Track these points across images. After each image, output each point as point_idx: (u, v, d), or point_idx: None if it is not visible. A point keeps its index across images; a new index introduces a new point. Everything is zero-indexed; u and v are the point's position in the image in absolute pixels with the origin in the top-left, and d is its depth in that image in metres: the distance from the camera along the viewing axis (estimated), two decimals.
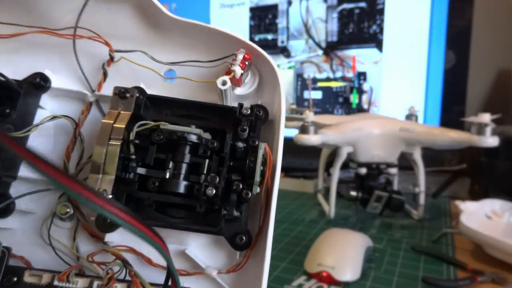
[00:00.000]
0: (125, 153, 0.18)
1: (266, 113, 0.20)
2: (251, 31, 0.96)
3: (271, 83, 0.20)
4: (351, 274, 0.40)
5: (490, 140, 0.50)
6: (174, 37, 0.21)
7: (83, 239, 0.20)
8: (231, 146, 0.19)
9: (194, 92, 0.20)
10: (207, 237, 0.20)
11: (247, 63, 0.19)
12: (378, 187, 0.59)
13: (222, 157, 0.19)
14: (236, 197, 0.18)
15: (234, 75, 0.19)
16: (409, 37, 0.80)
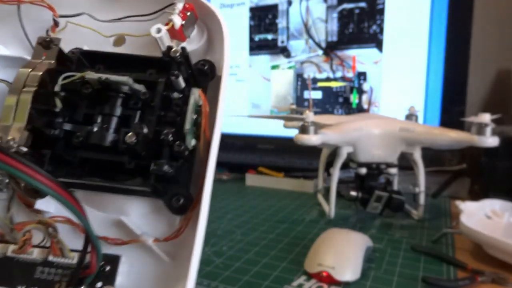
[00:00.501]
0: (50, 106, 0.17)
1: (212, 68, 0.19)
2: (251, 31, 0.96)
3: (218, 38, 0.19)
4: (351, 274, 0.40)
5: (490, 140, 0.50)
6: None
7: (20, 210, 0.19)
8: (165, 96, 0.17)
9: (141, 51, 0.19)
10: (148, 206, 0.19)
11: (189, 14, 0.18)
12: (378, 187, 0.59)
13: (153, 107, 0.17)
14: (168, 151, 0.17)
15: (173, 25, 0.18)
16: (409, 37, 0.80)
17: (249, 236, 0.53)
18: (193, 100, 0.17)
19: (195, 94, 0.18)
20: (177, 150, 0.17)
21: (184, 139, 0.17)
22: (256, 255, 0.47)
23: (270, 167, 0.84)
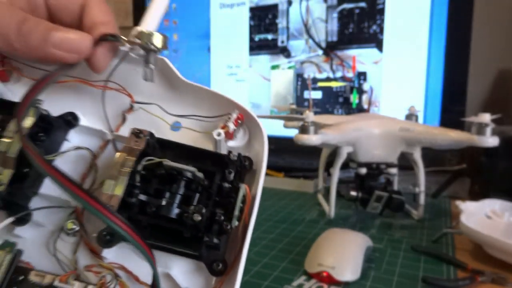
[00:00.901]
0: (132, 181, 0.21)
1: (251, 163, 0.24)
2: (251, 31, 0.96)
3: (258, 140, 0.25)
4: (351, 274, 0.40)
5: (490, 140, 0.50)
6: (184, 95, 0.26)
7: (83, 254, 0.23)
8: (219, 185, 0.22)
9: (195, 141, 0.25)
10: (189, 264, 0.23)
11: (240, 121, 0.24)
12: (378, 187, 0.59)
13: (210, 193, 0.22)
14: (218, 227, 0.21)
15: (228, 130, 0.24)
16: (409, 37, 0.80)
17: None
18: (241, 193, 0.22)
19: (243, 189, 0.22)
20: (225, 228, 0.21)
21: (230, 220, 0.22)
22: (256, 255, 0.47)
23: (270, 167, 0.84)
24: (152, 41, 0.22)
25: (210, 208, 0.22)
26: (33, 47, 0.20)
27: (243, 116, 0.25)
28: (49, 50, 0.20)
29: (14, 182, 0.21)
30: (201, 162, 0.23)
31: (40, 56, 0.20)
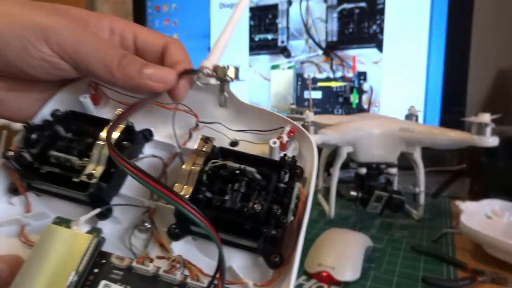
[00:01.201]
0: (200, 179, 0.25)
1: (302, 172, 0.27)
2: (251, 31, 0.96)
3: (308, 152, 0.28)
4: (351, 274, 0.40)
5: (490, 140, 0.50)
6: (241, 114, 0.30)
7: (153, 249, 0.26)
8: (275, 186, 0.25)
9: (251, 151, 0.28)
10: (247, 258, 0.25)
11: (292, 134, 0.27)
12: (378, 187, 0.59)
13: (268, 191, 0.25)
14: (275, 221, 0.23)
15: (282, 141, 0.26)
16: (409, 37, 0.80)
17: None
18: (296, 190, 0.25)
19: (298, 186, 0.25)
20: (282, 221, 0.23)
21: (286, 214, 0.24)
22: None
23: None
24: (227, 73, 0.27)
25: (268, 204, 0.24)
26: (129, 77, 0.24)
27: (294, 129, 0.28)
28: (143, 80, 0.24)
29: (102, 180, 0.25)
30: (259, 166, 0.25)
31: (134, 85, 0.25)
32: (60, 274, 0.21)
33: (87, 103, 0.29)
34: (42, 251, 0.22)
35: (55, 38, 0.23)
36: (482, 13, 0.86)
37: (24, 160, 0.25)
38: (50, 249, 0.22)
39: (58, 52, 0.23)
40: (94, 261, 0.22)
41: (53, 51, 0.23)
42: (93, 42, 0.24)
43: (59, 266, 0.21)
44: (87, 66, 0.24)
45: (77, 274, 0.21)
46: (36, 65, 0.24)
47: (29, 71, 0.24)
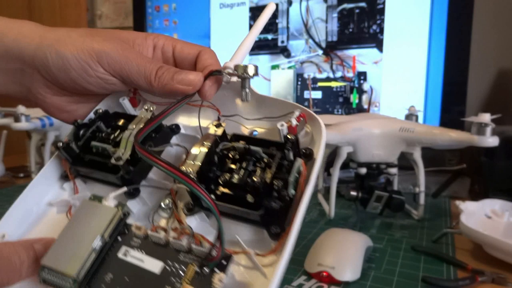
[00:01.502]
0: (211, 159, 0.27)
1: (311, 153, 0.28)
2: None
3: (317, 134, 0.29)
4: (351, 274, 0.40)
5: (490, 140, 0.50)
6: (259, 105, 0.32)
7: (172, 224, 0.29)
8: (278, 163, 0.27)
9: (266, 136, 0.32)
10: (253, 232, 0.27)
11: (302, 118, 0.29)
12: (378, 187, 0.59)
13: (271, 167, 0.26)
14: (276, 194, 0.25)
15: (291, 124, 0.28)
16: (409, 37, 0.80)
17: None
18: (297, 164, 0.26)
19: (299, 162, 0.27)
20: (282, 194, 0.25)
21: (287, 188, 0.25)
22: None
23: None
24: (247, 71, 0.29)
25: (270, 179, 0.26)
26: (164, 85, 0.29)
27: (304, 114, 0.29)
28: (174, 85, 0.29)
29: (131, 164, 0.29)
30: (266, 147, 0.28)
31: (169, 91, 0.29)
32: (89, 238, 0.25)
33: (125, 104, 0.34)
34: (76, 221, 0.26)
35: (106, 59, 0.29)
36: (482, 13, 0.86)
37: (72, 151, 0.31)
38: (83, 219, 0.26)
39: (109, 71, 0.29)
40: (119, 230, 0.26)
41: (105, 70, 0.29)
42: (135, 60, 0.29)
43: (89, 232, 0.25)
44: (131, 80, 0.30)
45: (102, 239, 0.25)
46: (93, 82, 0.30)
47: (88, 87, 0.30)
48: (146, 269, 0.24)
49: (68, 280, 0.24)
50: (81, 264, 0.24)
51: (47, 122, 0.77)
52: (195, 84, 0.29)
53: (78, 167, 0.31)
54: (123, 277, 0.24)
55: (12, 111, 0.76)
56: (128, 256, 0.25)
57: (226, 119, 0.32)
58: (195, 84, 0.29)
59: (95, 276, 0.25)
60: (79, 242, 0.25)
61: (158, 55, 0.33)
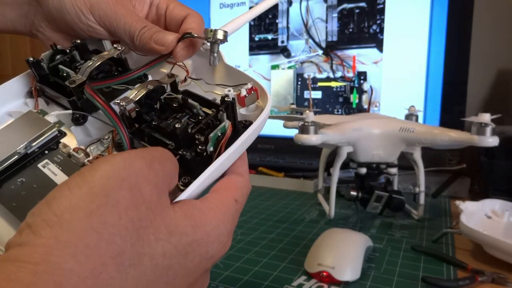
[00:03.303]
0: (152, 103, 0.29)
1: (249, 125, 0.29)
2: (251, 31, 0.96)
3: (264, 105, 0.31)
4: (351, 274, 0.40)
5: (490, 140, 0.50)
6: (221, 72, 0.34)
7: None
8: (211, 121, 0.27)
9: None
10: None
11: (253, 92, 0.30)
12: (378, 187, 0.59)
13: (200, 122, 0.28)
14: (195, 148, 0.26)
15: (239, 94, 0.29)
16: (409, 37, 0.80)
17: (249, 236, 0.53)
18: (222, 124, 0.27)
19: (226, 123, 0.27)
20: (199, 148, 0.26)
21: (207, 144, 0.26)
22: (256, 255, 0.47)
23: (270, 167, 0.84)
24: (216, 36, 0.30)
25: (194, 129, 0.27)
26: (144, 43, 0.31)
27: (256, 88, 0.30)
28: (151, 44, 0.30)
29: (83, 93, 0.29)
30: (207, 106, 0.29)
31: (146, 49, 0.31)
32: (16, 141, 0.27)
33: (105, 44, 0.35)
34: (14, 125, 0.28)
35: (98, 11, 0.31)
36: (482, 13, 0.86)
37: (42, 69, 0.32)
38: (20, 125, 0.28)
39: (99, 22, 0.32)
40: (49, 145, 0.28)
41: (96, 20, 0.32)
42: (123, 16, 0.31)
43: (20, 137, 0.27)
44: (117, 34, 0.32)
45: (29, 146, 0.27)
46: (84, 29, 0.32)
47: (80, 33, 0.33)
48: (55, 182, 0.26)
49: None
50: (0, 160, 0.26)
51: None
52: (168, 45, 0.30)
53: (43, 85, 0.32)
54: (32, 183, 0.26)
55: None
56: (46, 168, 0.27)
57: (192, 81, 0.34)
58: (167, 45, 0.30)
59: (9, 176, 0.26)
60: (7, 143, 0.27)
61: (152, 12, 0.35)
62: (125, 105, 0.27)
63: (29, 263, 0.15)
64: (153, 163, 0.21)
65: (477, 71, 0.87)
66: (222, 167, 0.26)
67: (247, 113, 0.31)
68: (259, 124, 0.28)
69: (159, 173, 0.21)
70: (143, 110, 0.28)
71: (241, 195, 0.26)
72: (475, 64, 0.80)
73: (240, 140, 0.27)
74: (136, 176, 0.19)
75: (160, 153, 0.22)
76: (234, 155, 0.27)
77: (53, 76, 0.32)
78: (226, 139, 0.27)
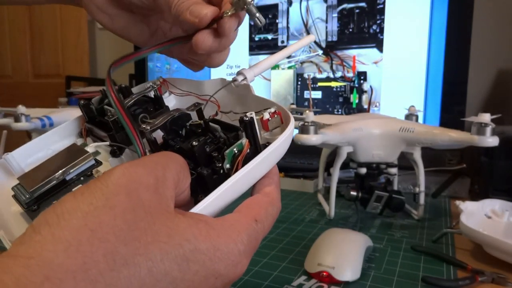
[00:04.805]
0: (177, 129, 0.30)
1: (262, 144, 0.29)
2: (251, 31, 0.96)
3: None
4: (351, 274, 0.40)
5: (490, 140, 0.50)
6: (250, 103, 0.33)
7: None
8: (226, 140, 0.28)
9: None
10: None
11: (276, 116, 0.30)
12: (378, 187, 0.59)
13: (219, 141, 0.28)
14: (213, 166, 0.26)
15: (262, 117, 0.29)
16: (409, 37, 0.80)
17: None
18: (239, 142, 0.27)
19: (243, 140, 0.27)
20: (217, 165, 0.26)
21: (223, 161, 0.26)
22: (256, 255, 0.47)
23: None
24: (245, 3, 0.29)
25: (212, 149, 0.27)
26: (180, 12, 0.29)
27: (280, 112, 0.30)
28: (185, 15, 0.29)
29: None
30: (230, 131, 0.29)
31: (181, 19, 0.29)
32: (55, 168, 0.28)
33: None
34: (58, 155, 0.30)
35: None
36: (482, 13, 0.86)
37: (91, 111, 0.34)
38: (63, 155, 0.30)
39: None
40: (85, 172, 0.29)
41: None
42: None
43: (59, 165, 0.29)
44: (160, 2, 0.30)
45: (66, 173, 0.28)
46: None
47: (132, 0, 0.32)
48: None
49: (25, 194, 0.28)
50: (39, 185, 0.27)
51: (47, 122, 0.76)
52: (201, 18, 0.28)
53: (91, 125, 0.34)
54: None
55: (12, 111, 0.76)
56: None
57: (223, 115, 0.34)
58: (201, 17, 0.28)
59: (47, 199, 0.28)
60: (48, 171, 0.29)
61: None
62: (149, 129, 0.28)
63: (23, 257, 0.16)
64: (155, 169, 0.21)
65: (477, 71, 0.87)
66: (240, 185, 0.26)
67: (271, 137, 0.31)
68: (281, 143, 0.28)
69: (159, 177, 0.21)
70: (169, 137, 0.29)
71: (264, 216, 0.24)
72: (475, 64, 0.80)
73: (259, 157, 0.26)
74: (135, 182, 0.19)
75: (163, 157, 0.22)
76: (254, 173, 0.27)
77: (99, 116, 0.33)
78: (243, 156, 0.26)
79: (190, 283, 0.19)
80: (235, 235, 0.21)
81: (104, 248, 0.17)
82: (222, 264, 0.20)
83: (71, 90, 1.36)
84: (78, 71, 1.67)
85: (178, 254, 0.19)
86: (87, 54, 1.69)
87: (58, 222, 0.17)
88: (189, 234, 0.20)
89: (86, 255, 0.17)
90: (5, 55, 1.96)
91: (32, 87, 1.87)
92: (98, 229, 0.17)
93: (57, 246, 0.16)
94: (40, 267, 0.16)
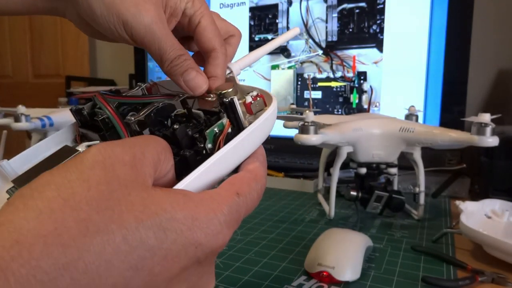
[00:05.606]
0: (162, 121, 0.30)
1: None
2: (251, 31, 0.96)
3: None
4: (351, 274, 0.40)
5: (490, 140, 0.50)
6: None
7: None
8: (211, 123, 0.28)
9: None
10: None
11: (258, 98, 0.30)
12: (378, 187, 0.59)
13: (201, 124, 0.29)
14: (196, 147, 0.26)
15: (245, 101, 0.29)
16: (409, 37, 0.80)
17: (249, 236, 0.53)
18: (220, 121, 0.27)
19: (223, 120, 0.27)
20: (199, 146, 0.26)
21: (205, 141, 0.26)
22: (256, 255, 0.47)
23: (270, 167, 0.84)
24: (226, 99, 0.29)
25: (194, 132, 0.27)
26: (173, 75, 0.30)
27: (263, 96, 0.30)
28: (180, 81, 0.30)
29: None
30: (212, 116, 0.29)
31: (174, 81, 0.31)
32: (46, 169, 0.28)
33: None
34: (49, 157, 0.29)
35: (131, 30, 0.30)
36: (482, 13, 0.86)
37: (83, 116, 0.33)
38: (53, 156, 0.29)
39: (131, 37, 0.30)
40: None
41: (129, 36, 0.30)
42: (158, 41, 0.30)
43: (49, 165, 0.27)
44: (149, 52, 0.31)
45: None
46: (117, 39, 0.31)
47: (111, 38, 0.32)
48: None
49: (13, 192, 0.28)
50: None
51: (47, 122, 0.77)
52: (197, 92, 0.30)
53: (84, 130, 0.34)
54: None
55: (12, 111, 0.76)
56: None
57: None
58: (196, 92, 0.30)
59: None
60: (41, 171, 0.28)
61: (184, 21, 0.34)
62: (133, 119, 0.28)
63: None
64: (133, 147, 0.21)
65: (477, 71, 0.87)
66: (224, 163, 0.26)
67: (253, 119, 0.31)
68: (263, 121, 0.28)
69: (137, 155, 0.21)
70: (155, 128, 0.29)
71: (246, 190, 0.24)
72: (475, 64, 0.80)
73: (242, 135, 0.27)
74: (110, 158, 0.20)
75: (142, 138, 0.22)
76: (237, 151, 0.27)
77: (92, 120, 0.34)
78: (224, 135, 0.27)
79: (168, 251, 0.19)
80: (214, 205, 0.21)
81: (77, 216, 0.17)
82: (201, 233, 0.20)
83: (71, 90, 1.36)
84: (78, 71, 1.67)
85: (154, 223, 0.19)
86: (87, 54, 1.69)
87: (32, 194, 0.18)
88: (166, 204, 0.20)
89: (57, 221, 0.17)
90: (5, 55, 1.96)
91: (32, 87, 1.87)
92: (71, 198, 0.18)
93: (28, 213, 0.17)
94: (10, 232, 0.16)
